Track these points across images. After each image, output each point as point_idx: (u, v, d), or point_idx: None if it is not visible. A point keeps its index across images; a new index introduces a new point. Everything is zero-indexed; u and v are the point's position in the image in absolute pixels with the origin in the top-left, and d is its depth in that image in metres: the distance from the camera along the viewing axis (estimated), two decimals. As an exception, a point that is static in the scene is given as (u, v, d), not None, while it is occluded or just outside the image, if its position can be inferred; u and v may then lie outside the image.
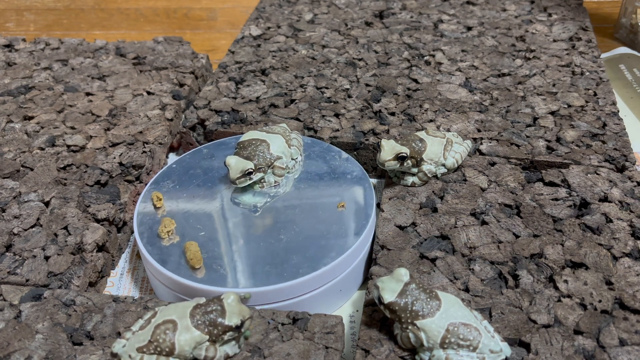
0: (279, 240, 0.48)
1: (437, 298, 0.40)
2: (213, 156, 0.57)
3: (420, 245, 0.48)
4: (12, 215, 0.52)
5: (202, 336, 0.38)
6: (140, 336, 0.39)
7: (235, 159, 0.52)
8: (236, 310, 0.39)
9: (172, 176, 0.55)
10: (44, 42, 0.79)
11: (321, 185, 0.53)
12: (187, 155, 0.57)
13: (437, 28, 0.80)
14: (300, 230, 0.49)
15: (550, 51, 0.73)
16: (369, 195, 0.52)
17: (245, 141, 0.54)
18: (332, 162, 0.56)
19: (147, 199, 0.53)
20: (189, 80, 0.71)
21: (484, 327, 0.40)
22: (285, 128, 0.57)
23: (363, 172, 0.55)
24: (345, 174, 0.54)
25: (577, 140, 0.58)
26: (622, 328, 0.41)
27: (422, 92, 0.66)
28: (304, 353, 0.39)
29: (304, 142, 0.58)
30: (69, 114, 0.65)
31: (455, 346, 0.38)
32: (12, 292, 0.45)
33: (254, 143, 0.53)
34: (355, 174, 0.54)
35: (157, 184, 0.54)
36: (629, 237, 0.48)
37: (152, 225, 0.50)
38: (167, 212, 0.51)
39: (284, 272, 0.45)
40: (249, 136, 0.54)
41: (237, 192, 0.53)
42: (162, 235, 0.48)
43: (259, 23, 0.83)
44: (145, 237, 0.49)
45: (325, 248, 0.47)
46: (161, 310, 0.40)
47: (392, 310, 0.39)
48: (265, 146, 0.53)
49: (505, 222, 0.50)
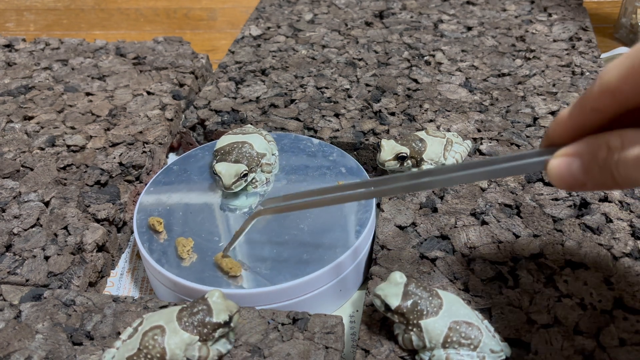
0: (278, 240, 0.48)
1: (438, 296, 0.40)
2: (187, 171, 0.56)
3: (420, 245, 0.48)
4: (12, 215, 0.52)
5: (191, 337, 0.38)
6: (129, 345, 0.38)
7: (225, 164, 0.51)
8: (222, 307, 0.39)
9: (160, 189, 0.54)
10: (44, 42, 0.79)
11: (317, 183, 0.53)
12: (159, 176, 0.56)
13: (437, 28, 0.80)
14: (299, 230, 0.49)
15: (550, 51, 0.73)
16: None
17: (225, 146, 0.53)
18: (329, 160, 0.56)
19: (147, 198, 0.53)
20: (189, 80, 0.71)
21: (485, 326, 0.40)
22: (253, 127, 0.56)
23: (358, 166, 0.55)
24: (338, 166, 0.54)
25: (577, 140, 0.58)
26: (622, 328, 0.41)
27: (422, 92, 0.66)
28: (304, 353, 0.39)
29: (309, 143, 0.58)
30: (69, 114, 0.65)
31: (456, 345, 0.38)
32: (12, 292, 0.45)
33: (237, 146, 0.52)
34: (350, 166, 0.54)
35: (156, 185, 0.54)
36: (629, 237, 0.48)
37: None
38: (166, 226, 0.50)
39: (284, 273, 0.45)
40: (226, 141, 0.53)
41: (228, 197, 0.53)
42: (183, 256, 0.47)
43: (259, 23, 0.83)
44: (145, 237, 0.49)
45: (325, 248, 0.47)
46: (147, 318, 0.39)
47: (401, 314, 0.39)
48: (248, 146, 0.52)
49: (505, 222, 0.50)
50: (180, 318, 0.38)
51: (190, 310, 0.39)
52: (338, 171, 0.54)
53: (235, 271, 0.45)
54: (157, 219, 0.50)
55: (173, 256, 0.47)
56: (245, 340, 0.41)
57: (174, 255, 0.47)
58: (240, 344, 0.40)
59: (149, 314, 0.40)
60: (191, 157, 0.58)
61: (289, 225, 0.49)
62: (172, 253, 0.47)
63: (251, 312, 0.42)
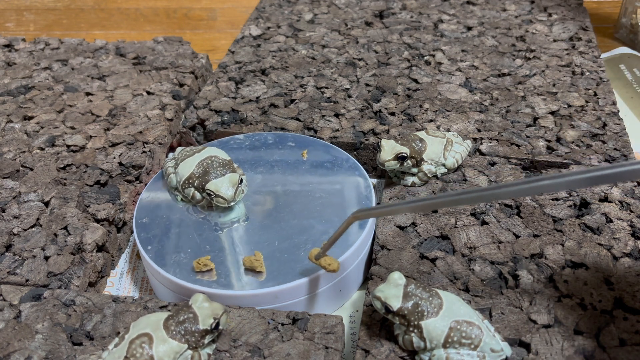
0: (278, 241, 0.48)
1: (438, 296, 0.39)
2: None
3: (420, 245, 0.48)
4: (11, 215, 0.52)
5: (180, 346, 0.37)
6: (115, 353, 0.37)
7: (217, 182, 0.49)
8: (208, 312, 0.39)
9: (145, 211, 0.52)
10: (43, 42, 0.79)
11: (316, 183, 0.53)
12: (159, 176, 0.55)
13: (437, 28, 0.80)
14: (300, 230, 0.49)
15: (551, 51, 0.73)
16: (369, 196, 0.52)
17: (195, 170, 0.51)
18: (332, 162, 0.56)
19: (147, 198, 0.53)
20: (189, 80, 0.71)
21: (485, 326, 0.39)
22: (191, 147, 0.54)
23: (357, 164, 0.55)
24: (339, 164, 0.54)
25: (577, 140, 0.58)
26: (622, 328, 0.41)
27: (422, 92, 0.66)
28: (304, 353, 0.39)
29: (307, 141, 0.58)
30: (68, 114, 0.65)
31: (457, 345, 0.38)
32: (12, 292, 0.45)
33: (208, 162, 0.51)
34: (350, 164, 0.54)
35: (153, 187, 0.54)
36: (629, 237, 0.48)
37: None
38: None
39: (285, 273, 0.45)
40: (190, 166, 0.51)
41: (219, 209, 0.51)
42: (258, 269, 0.46)
43: (259, 23, 0.83)
44: (145, 238, 0.49)
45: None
46: (134, 325, 0.39)
47: (402, 316, 0.39)
48: (216, 158, 0.51)
49: (506, 222, 0.50)
50: (168, 326, 0.38)
51: (176, 318, 0.38)
52: (350, 195, 0.52)
53: (333, 267, 0.43)
54: (205, 261, 0.46)
55: (173, 256, 0.47)
56: (245, 340, 0.41)
57: (173, 255, 0.47)
58: (240, 344, 0.40)
59: (135, 322, 0.39)
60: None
61: (289, 225, 0.49)
62: (172, 253, 0.47)
63: (251, 312, 0.42)
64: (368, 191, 0.52)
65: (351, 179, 0.54)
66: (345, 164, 0.55)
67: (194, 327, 0.38)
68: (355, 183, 0.53)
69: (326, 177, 0.54)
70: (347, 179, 0.54)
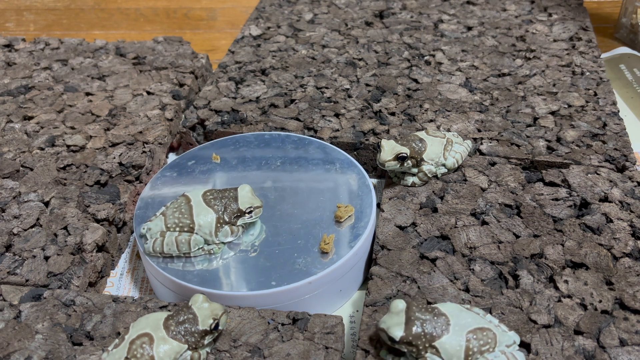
0: (278, 241, 0.48)
1: (440, 312, 0.38)
2: (186, 171, 0.54)
3: (421, 245, 0.48)
4: (12, 215, 0.52)
5: (180, 346, 0.37)
6: (116, 354, 0.37)
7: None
8: (207, 312, 0.39)
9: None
10: (43, 42, 0.79)
11: (316, 182, 0.53)
12: (159, 175, 0.55)
13: (437, 28, 0.80)
14: (300, 230, 0.49)
15: (551, 51, 0.73)
16: (368, 196, 0.52)
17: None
18: (332, 162, 0.56)
19: (147, 198, 0.53)
20: (189, 80, 0.71)
21: (489, 321, 0.39)
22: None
23: (353, 162, 0.55)
24: (335, 164, 0.54)
25: (578, 140, 0.58)
26: (623, 328, 0.41)
27: (422, 92, 0.66)
28: (304, 353, 0.39)
29: (305, 141, 0.58)
30: (68, 114, 0.65)
31: (478, 355, 0.37)
32: (12, 292, 0.45)
33: (181, 203, 0.48)
34: (346, 163, 0.54)
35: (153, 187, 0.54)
36: (629, 237, 0.48)
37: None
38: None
39: (285, 274, 0.45)
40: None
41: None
42: (325, 250, 0.46)
43: (259, 23, 0.83)
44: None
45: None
46: (133, 326, 0.39)
47: (409, 343, 0.37)
48: (190, 197, 0.48)
49: (506, 222, 0.50)
50: (168, 327, 0.38)
51: (176, 319, 0.38)
52: (350, 195, 0.53)
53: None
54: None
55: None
56: (245, 340, 0.41)
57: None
58: (240, 344, 0.40)
59: (134, 322, 0.39)
60: (192, 157, 0.58)
61: (289, 225, 0.49)
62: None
63: (251, 312, 0.42)
64: (368, 191, 0.52)
65: (350, 178, 0.54)
66: (345, 164, 0.56)
67: (194, 328, 0.38)
68: (355, 182, 0.53)
69: (326, 177, 0.54)
70: (347, 179, 0.54)
